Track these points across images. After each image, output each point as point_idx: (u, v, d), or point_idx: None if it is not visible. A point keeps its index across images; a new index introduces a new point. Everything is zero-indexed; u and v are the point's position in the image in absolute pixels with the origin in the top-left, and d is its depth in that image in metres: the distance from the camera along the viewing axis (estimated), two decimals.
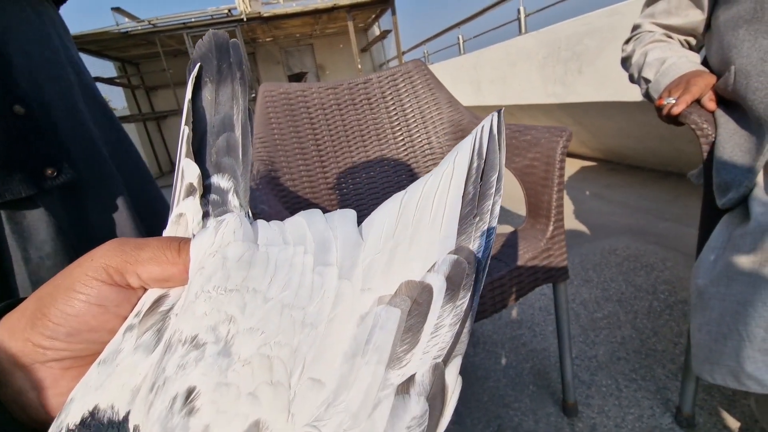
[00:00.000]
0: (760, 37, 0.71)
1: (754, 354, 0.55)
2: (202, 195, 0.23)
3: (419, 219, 0.17)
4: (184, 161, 0.23)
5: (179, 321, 0.18)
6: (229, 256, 0.19)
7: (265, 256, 0.19)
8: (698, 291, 0.65)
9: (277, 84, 1.11)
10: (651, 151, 2.61)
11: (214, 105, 0.25)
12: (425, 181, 0.19)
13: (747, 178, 0.63)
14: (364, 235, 0.18)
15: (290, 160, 1.09)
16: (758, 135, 0.66)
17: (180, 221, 0.22)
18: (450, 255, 0.16)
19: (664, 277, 1.46)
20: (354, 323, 0.16)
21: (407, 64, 1.19)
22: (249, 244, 0.19)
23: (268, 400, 0.15)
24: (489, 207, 0.17)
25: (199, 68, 0.25)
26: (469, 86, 4.07)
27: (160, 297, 0.19)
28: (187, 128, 0.23)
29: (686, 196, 2.18)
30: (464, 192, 0.18)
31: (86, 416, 0.16)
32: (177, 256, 0.19)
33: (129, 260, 0.19)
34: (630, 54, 1.02)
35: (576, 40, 2.50)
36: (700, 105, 0.80)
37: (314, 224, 0.20)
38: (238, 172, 0.23)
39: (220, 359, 0.16)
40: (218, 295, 0.18)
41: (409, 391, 0.14)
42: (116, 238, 0.20)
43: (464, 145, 0.19)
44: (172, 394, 0.15)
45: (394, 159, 1.18)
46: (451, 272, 0.16)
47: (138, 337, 0.18)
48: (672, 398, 0.97)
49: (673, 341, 1.15)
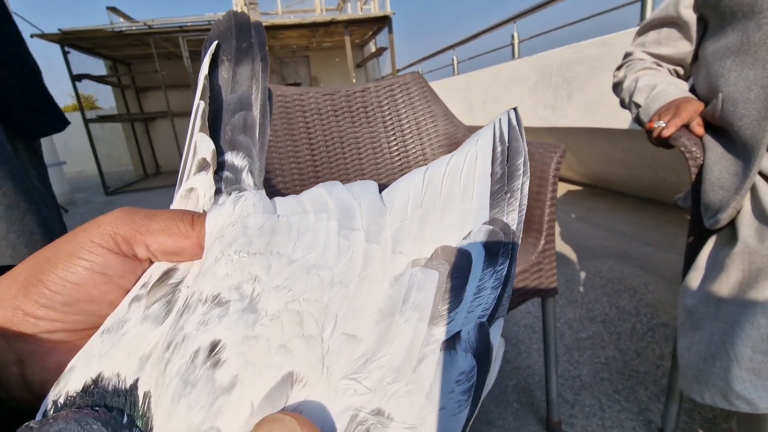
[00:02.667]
0: (746, 67, 0.74)
1: (741, 374, 0.55)
2: (215, 172, 0.22)
3: (449, 192, 0.17)
4: (197, 135, 0.22)
5: (198, 283, 0.17)
6: (250, 225, 0.18)
7: (287, 224, 0.18)
8: (687, 311, 0.65)
9: (275, 86, 1.11)
10: (635, 178, 2.68)
11: (230, 83, 0.24)
12: (447, 160, 0.19)
13: (734, 200, 0.64)
14: (387, 203, 0.18)
15: (283, 163, 1.08)
16: (745, 159, 0.68)
17: (190, 195, 0.21)
18: (485, 225, 0.16)
19: (647, 300, 1.48)
20: (387, 284, 0.15)
21: (405, 76, 1.21)
22: (270, 216, 0.18)
23: (301, 353, 0.14)
24: (519, 186, 0.17)
25: (216, 46, 0.24)
26: (461, 106, 4.14)
27: (169, 270, 0.18)
28: (203, 102, 0.22)
29: (667, 223, 2.24)
30: (492, 171, 0.18)
31: (89, 384, 0.15)
32: (190, 229, 0.18)
33: (139, 230, 0.18)
34: (621, 79, 1.06)
35: (567, 67, 2.58)
36: (689, 130, 0.82)
37: (335, 193, 0.19)
38: (254, 150, 0.23)
39: (246, 315, 0.15)
40: (240, 258, 0.17)
41: (456, 347, 0.14)
42: (125, 207, 0.19)
43: (485, 132, 0.20)
44: (194, 349, 0.14)
45: (388, 169, 1.18)
46: (488, 240, 0.16)
47: (146, 308, 0.17)
48: (654, 419, 0.97)
49: (655, 363, 1.16)
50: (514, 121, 0.19)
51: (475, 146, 0.19)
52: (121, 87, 7.93)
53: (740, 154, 0.69)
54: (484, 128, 0.20)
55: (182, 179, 0.22)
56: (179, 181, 0.22)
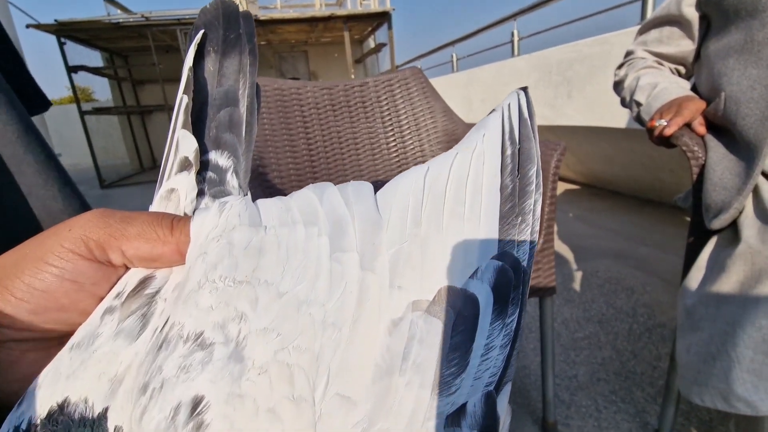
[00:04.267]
0: (750, 66, 0.73)
1: (743, 375, 0.55)
2: (198, 171, 0.20)
3: (453, 206, 0.15)
4: (179, 132, 0.21)
5: (179, 312, 0.15)
6: (236, 242, 0.16)
7: (275, 241, 0.16)
8: (687, 311, 0.64)
9: (271, 79, 1.09)
10: (633, 178, 2.67)
11: (216, 77, 0.23)
12: (450, 160, 0.17)
13: (737, 200, 0.63)
14: (383, 211, 0.16)
15: (280, 158, 1.06)
16: (747, 159, 0.67)
17: (171, 197, 0.20)
18: (494, 261, 0.14)
19: (644, 301, 1.47)
20: (384, 328, 0.14)
21: (405, 71, 1.19)
22: (257, 229, 0.17)
23: (291, 418, 0.12)
24: (531, 206, 0.15)
25: (202, 36, 0.23)
26: (460, 104, 4.13)
27: (146, 278, 0.17)
28: (186, 97, 0.21)
29: (665, 224, 2.23)
30: (501, 184, 0.16)
31: (54, 410, 0.14)
32: (169, 234, 0.17)
33: (113, 234, 0.17)
34: (622, 78, 1.04)
35: (567, 65, 2.57)
36: (691, 129, 0.82)
37: (326, 200, 0.17)
38: (239, 150, 0.21)
39: (232, 364, 0.13)
40: (226, 287, 0.15)
41: (461, 423, 0.12)
42: (98, 209, 0.18)
43: (491, 123, 0.17)
44: (174, 403, 0.13)
45: (386, 165, 1.17)
46: (497, 282, 0.14)
47: (120, 321, 0.16)
48: (650, 421, 0.96)
49: (652, 364, 1.16)
50: (526, 112, 0.17)
51: (481, 143, 0.17)
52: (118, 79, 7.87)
53: (743, 154, 0.68)
54: (491, 117, 0.18)
55: (163, 178, 0.20)
56: (159, 180, 0.21)
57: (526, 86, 0.19)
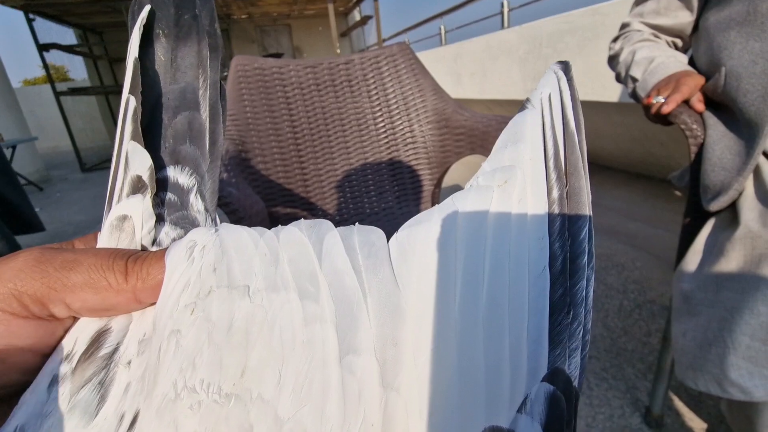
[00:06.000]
0: (752, 39, 0.70)
1: (738, 361, 0.54)
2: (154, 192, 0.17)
3: (494, 295, 0.11)
4: (129, 145, 0.17)
5: (153, 425, 0.12)
6: (215, 320, 0.13)
7: (264, 319, 0.13)
8: (684, 296, 0.63)
9: (252, 58, 1.03)
10: (624, 152, 2.67)
11: (170, 70, 0.18)
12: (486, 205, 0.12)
13: (737, 181, 0.62)
14: (402, 279, 0.12)
15: (263, 141, 1.02)
16: (748, 138, 0.65)
17: (123, 227, 0.16)
18: (545, 385, 0.11)
19: (634, 277, 1.48)
20: None
21: (392, 47, 1.14)
22: (240, 296, 0.13)
23: None
24: (582, 292, 0.11)
25: (149, 13, 0.18)
26: (449, 78, 4.04)
27: (99, 333, 0.14)
28: (133, 99, 0.17)
29: (655, 199, 2.24)
30: (550, 253, 0.11)
31: None
32: (123, 281, 0.14)
33: (54, 286, 0.14)
34: (618, 52, 1.01)
35: (557, 37, 2.51)
36: (689, 106, 0.79)
37: (327, 257, 0.13)
38: (202, 166, 0.18)
39: None
40: (211, 403, 0.12)
41: None
42: (31, 251, 0.14)
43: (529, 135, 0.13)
44: None
45: (374, 146, 1.13)
46: (549, 417, 0.11)
47: (72, 394, 0.13)
48: (641, 398, 0.98)
49: (642, 341, 1.17)
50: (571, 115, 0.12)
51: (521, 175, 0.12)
52: (93, 58, 7.53)
53: (743, 133, 0.66)
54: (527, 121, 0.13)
55: (112, 201, 0.17)
56: (108, 202, 0.17)
57: (567, 62, 0.14)
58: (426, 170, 1.13)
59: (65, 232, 2.90)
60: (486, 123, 0.95)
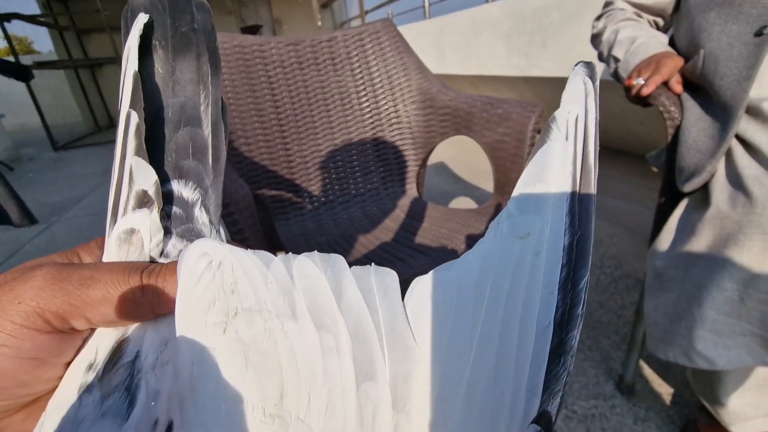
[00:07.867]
0: (730, 21, 0.71)
1: (704, 333, 0.58)
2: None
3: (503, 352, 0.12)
4: (133, 160, 0.17)
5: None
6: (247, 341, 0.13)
7: (288, 345, 0.13)
8: (656, 272, 0.67)
9: (231, 35, 1.00)
10: (602, 129, 2.70)
11: (169, 83, 0.18)
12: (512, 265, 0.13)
13: (710, 163, 0.64)
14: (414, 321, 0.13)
15: (246, 123, 1.00)
16: (723, 121, 0.67)
17: (132, 240, 0.17)
18: (533, 426, 0.11)
19: (611, 253, 1.54)
20: None
21: (375, 24, 1.11)
22: (263, 320, 0.14)
23: None
24: (572, 342, 0.12)
25: (146, 24, 0.18)
26: (432, 53, 3.98)
27: (120, 344, 0.15)
28: (135, 114, 0.17)
29: (633, 175, 2.30)
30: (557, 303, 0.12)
31: None
32: (140, 295, 0.15)
33: (74, 303, 0.14)
34: (601, 31, 1.01)
35: (543, 12, 2.48)
36: (668, 87, 0.80)
37: (344, 293, 0.14)
38: (206, 180, 0.18)
39: None
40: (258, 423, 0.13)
41: None
42: (46, 268, 0.15)
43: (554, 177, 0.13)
44: None
45: (359, 126, 1.12)
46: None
47: (102, 400, 0.13)
48: (615, 367, 1.03)
49: (617, 314, 1.23)
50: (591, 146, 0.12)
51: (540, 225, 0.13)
52: (59, 29, 7.11)
53: (718, 116, 0.68)
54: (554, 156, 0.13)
55: (116, 213, 0.17)
56: (111, 214, 0.17)
57: (592, 65, 0.14)
58: (411, 150, 1.13)
59: (41, 213, 2.81)
60: (471, 104, 0.95)
